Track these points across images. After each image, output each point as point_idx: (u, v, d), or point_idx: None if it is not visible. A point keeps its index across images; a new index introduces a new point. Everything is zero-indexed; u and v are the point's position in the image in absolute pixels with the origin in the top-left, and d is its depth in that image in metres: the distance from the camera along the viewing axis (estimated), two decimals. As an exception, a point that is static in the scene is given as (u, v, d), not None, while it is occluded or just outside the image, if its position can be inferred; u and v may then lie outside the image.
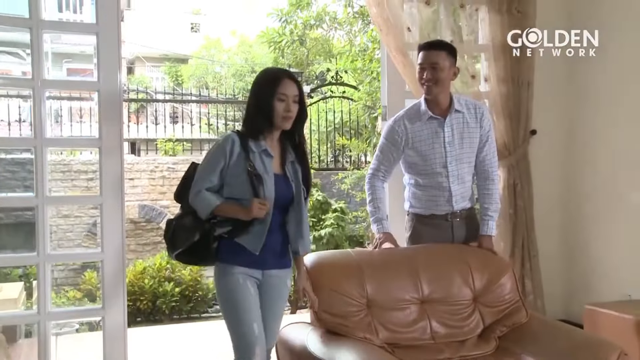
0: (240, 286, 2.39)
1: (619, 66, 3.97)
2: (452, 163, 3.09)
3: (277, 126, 2.45)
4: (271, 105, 2.40)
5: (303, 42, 8.92)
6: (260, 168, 2.39)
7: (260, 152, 2.42)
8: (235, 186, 2.40)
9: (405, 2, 4.01)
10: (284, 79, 2.42)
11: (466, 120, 3.11)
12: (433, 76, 3.01)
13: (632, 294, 3.86)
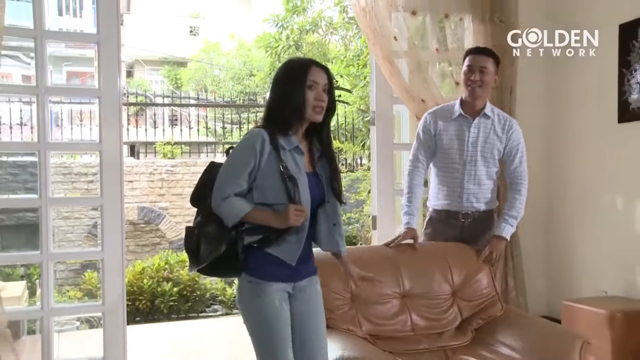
0: (277, 310, 2.14)
1: (596, 70, 4.15)
2: (471, 162, 3.27)
3: (307, 118, 2.19)
4: (302, 93, 2.14)
5: (299, 47, 9.09)
6: (293, 168, 2.14)
7: (291, 149, 2.17)
8: (267, 190, 2.14)
9: (393, 12, 4.18)
10: (312, 66, 2.18)
11: (494, 127, 3.30)
12: (481, 79, 3.23)
13: (607, 291, 4.05)
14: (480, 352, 2.72)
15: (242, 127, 11.85)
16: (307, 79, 2.15)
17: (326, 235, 2.30)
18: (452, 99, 4.21)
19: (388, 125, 4.39)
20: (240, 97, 14.72)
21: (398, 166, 4.87)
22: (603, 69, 4.07)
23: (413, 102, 4.16)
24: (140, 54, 19.60)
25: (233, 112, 12.65)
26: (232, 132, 12.78)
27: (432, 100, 4.14)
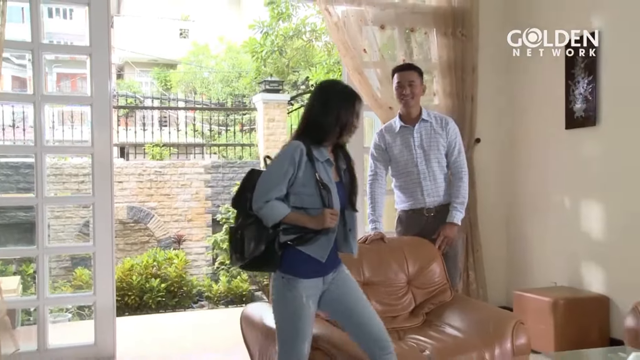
0: (303, 307, 2.40)
1: (547, 82, 4.53)
2: (422, 163, 3.63)
3: (343, 139, 2.56)
4: (351, 122, 2.49)
5: (283, 52, 9.43)
6: (325, 178, 2.41)
7: (324, 161, 2.45)
8: (304, 196, 2.40)
9: (363, 26, 4.55)
10: (358, 98, 2.54)
11: (433, 128, 3.67)
12: (411, 91, 3.63)
13: (557, 281, 4.44)
14: (428, 332, 3.08)
15: (229, 129, 12.15)
16: (355, 111, 2.52)
17: (343, 238, 2.57)
18: (418, 106, 4.62)
19: (359, 131, 4.72)
20: (229, 99, 15.02)
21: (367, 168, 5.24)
22: (552, 81, 4.45)
23: (381, 109, 4.53)
24: (130, 56, 19.84)
25: (221, 114, 12.96)
26: (219, 134, 13.10)
27: (398, 108, 4.51)
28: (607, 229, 4.10)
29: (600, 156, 4.13)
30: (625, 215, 3.96)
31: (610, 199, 4.08)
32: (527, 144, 4.83)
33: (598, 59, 4.09)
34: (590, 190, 4.23)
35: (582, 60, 4.19)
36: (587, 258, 4.25)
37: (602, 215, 4.14)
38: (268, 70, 11.33)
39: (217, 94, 16.84)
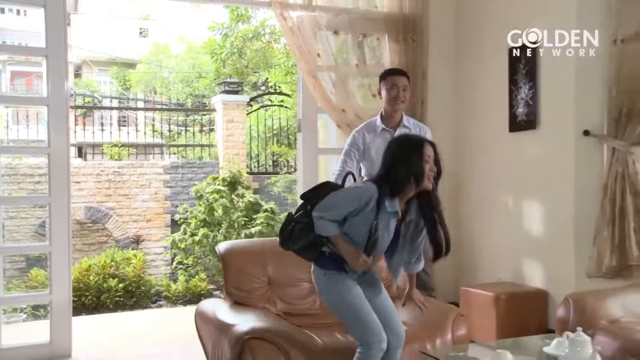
0: (350, 287, 2.68)
1: (492, 87, 4.75)
2: None
3: (423, 186, 2.62)
4: (421, 167, 2.57)
5: (242, 54, 9.52)
6: (382, 228, 2.59)
7: (391, 212, 2.61)
8: (356, 230, 2.61)
9: (317, 31, 4.69)
10: (425, 143, 2.64)
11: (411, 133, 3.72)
12: (404, 95, 3.79)
13: (501, 277, 4.66)
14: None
15: (189, 129, 12.16)
16: (424, 154, 2.60)
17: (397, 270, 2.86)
18: (369, 108, 4.78)
19: (313, 132, 4.91)
20: (189, 100, 15.00)
21: (323, 168, 5.39)
22: (497, 87, 4.68)
23: (334, 111, 4.68)
24: (88, 55, 19.55)
25: (181, 115, 12.95)
26: (179, 135, 13.08)
27: (351, 110, 4.68)
28: (546, 226, 4.34)
29: (540, 157, 4.36)
30: (561, 213, 4.20)
31: (549, 198, 4.32)
32: (474, 146, 5.04)
33: (537, 66, 4.32)
34: (532, 190, 4.46)
35: (523, 68, 4.43)
36: (528, 255, 4.48)
37: (542, 213, 4.38)
38: (227, 72, 11.40)
39: (177, 94, 16.76)
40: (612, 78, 3.88)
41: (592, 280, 4.01)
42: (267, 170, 11.17)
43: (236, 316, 3.07)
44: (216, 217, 8.37)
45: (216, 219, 8.37)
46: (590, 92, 4.03)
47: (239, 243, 3.75)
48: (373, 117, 4.03)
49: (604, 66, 3.94)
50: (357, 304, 2.69)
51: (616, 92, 3.85)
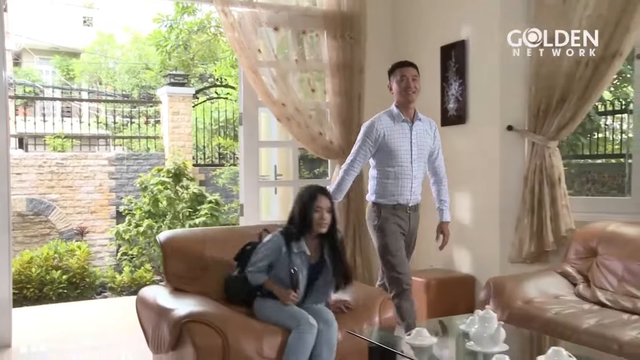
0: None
1: (427, 83, 4.98)
2: (416, 160, 3.70)
3: (315, 230, 3.20)
4: (311, 216, 3.17)
5: (188, 46, 9.54)
6: (298, 265, 3.17)
7: (299, 252, 3.20)
8: (279, 273, 3.20)
9: (258, 27, 4.83)
10: (318, 195, 3.21)
11: (425, 129, 3.77)
12: (414, 86, 3.69)
13: (433, 264, 4.92)
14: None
15: (134, 121, 12.07)
16: (315, 205, 3.19)
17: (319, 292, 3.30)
18: (309, 103, 4.97)
19: (254, 125, 5.06)
20: (135, 91, 14.86)
21: (265, 160, 5.55)
22: (431, 83, 4.91)
23: (274, 105, 4.84)
24: (28, 43, 19.02)
25: (127, 106, 12.81)
26: (125, 126, 12.92)
27: (291, 104, 4.85)
28: (474, 215, 4.61)
29: (469, 150, 4.63)
30: (487, 203, 4.48)
31: (477, 189, 4.59)
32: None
33: (466, 65, 4.58)
34: (461, 181, 4.72)
35: (454, 65, 4.68)
36: (458, 242, 4.74)
37: (471, 203, 4.65)
38: (173, 64, 11.38)
39: (123, 85, 16.58)
40: (532, 77, 4.16)
41: (514, 265, 4.30)
42: (213, 162, 11.24)
43: (175, 301, 3.21)
44: (161, 209, 8.42)
45: (161, 210, 8.42)
46: (513, 90, 4.30)
47: (179, 232, 3.86)
48: (388, 109, 3.86)
49: (525, 66, 4.22)
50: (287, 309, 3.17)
51: (535, 90, 4.13)
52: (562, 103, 3.98)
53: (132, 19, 18.73)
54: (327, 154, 5.13)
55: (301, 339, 2.97)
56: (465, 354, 2.59)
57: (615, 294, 3.52)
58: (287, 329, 3.04)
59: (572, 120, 3.98)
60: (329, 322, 3.12)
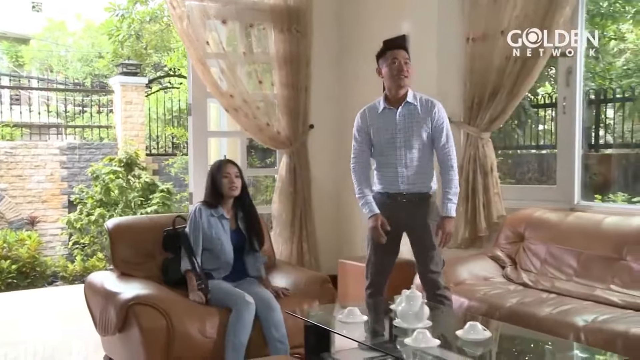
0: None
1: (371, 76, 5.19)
2: (401, 148, 3.44)
3: (227, 195, 3.53)
4: (221, 182, 3.50)
5: (140, 36, 9.52)
6: (220, 230, 3.49)
7: (218, 216, 3.52)
8: (211, 244, 3.47)
9: (206, 20, 4.94)
10: (225, 163, 3.59)
11: (417, 112, 3.44)
12: (407, 69, 3.44)
13: (376, 250, 5.13)
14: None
15: (86, 110, 11.96)
16: (222, 169, 3.53)
17: (251, 266, 3.62)
18: (257, 94, 5.12)
19: (203, 116, 5.19)
20: (89, 79, 14.67)
21: (214, 150, 5.67)
22: (375, 77, 5.09)
23: (222, 97, 4.97)
24: (-29, 28, 18.46)
25: (80, 95, 12.65)
26: (78, 115, 12.76)
27: (239, 96, 4.99)
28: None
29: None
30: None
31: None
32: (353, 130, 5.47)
33: (407, 59, 4.78)
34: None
35: (395, 59, 4.88)
36: (399, 229, 4.97)
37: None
38: (126, 53, 11.30)
39: (75, 73, 16.32)
40: (466, 72, 4.39)
41: (450, 251, 4.52)
42: (167, 152, 11.26)
43: (122, 285, 3.34)
44: (112, 198, 8.45)
45: (112, 199, 8.45)
46: (450, 84, 4.53)
47: (126, 219, 4.01)
48: (376, 99, 3.68)
49: (460, 62, 4.45)
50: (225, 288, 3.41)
51: (469, 84, 4.37)
52: (494, 97, 4.22)
53: (84, 7, 18.40)
54: (275, 144, 5.29)
55: (240, 317, 3.14)
56: (392, 330, 2.80)
57: (537, 275, 3.80)
58: (228, 309, 3.20)
59: (503, 112, 4.23)
60: (271, 306, 3.30)
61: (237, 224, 3.62)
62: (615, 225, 3.61)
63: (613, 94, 7.29)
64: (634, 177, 6.81)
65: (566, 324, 3.02)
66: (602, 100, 7.37)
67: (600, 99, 7.40)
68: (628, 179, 6.76)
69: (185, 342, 3.08)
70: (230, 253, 3.51)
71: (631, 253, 3.42)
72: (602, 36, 7.83)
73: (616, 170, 7.14)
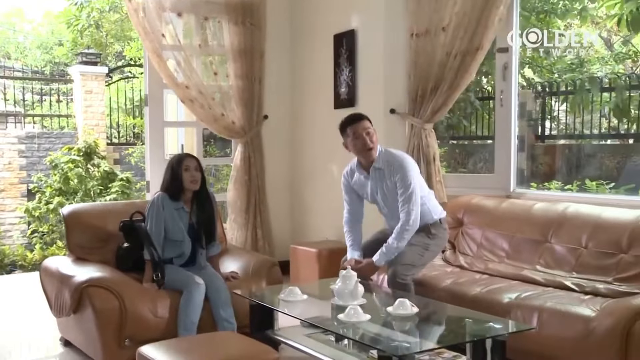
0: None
1: (321, 69, 5.39)
2: (382, 205, 3.81)
3: (187, 188, 3.62)
4: (181, 175, 3.60)
5: (99, 26, 9.51)
6: (178, 221, 3.61)
7: (178, 208, 3.64)
8: (170, 232, 3.61)
9: (161, 13, 5.06)
10: (185, 157, 3.71)
11: (384, 175, 3.71)
12: (370, 140, 3.66)
13: (328, 236, 5.36)
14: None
15: (45, 98, 11.89)
16: (183, 163, 3.62)
17: (205, 254, 3.77)
18: (212, 85, 5.27)
19: (159, 106, 5.32)
20: (49, 67, 14.51)
21: (173, 139, 5.81)
22: (325, 69, 5.32)
23: (178, 88, 5.11)
24: None
25: (40, 83, 12.54)
26: (38, 103, 12.64)
27: (194, 87, 5.13)
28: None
29: (358, 132, 5.06)
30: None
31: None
32: (305, 121, 5.69)
33: (355, 52, 5.00)
34: (350, 159, 5.16)
35: (345, 53, 5.09)
36: (349, 215, 5.19)
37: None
38: (86, 42, 11.25)
39: (35, 61, 16.11)
40: (410, 66, 4.61)
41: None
42: (128, 141, 11.30)
43: (76, 269, 3.49)
44: (71, 186, 8.51)
45: (71, 188, 8.51)
46: (396, 77, 4.75)
47: (82, 206, 4.14)
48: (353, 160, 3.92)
49: (405, 56, 4.67)
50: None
51: (413, 77, 4.59)
52: (436, 90, 4.45)
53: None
54: (230, 134, 5.45)
55: (190, 297, 3.33)
56: (328, 307, 3.02)
57: (473, 258, 4.06)
58: (179, 292, 3.39)
59: (444, 105, 4.46)
60: (220, 287, 3.49)
61: (195, 215, 3.72)
62: (543, 210, 3.89)
63: (557, 87, 7.65)
64: (576, 166, 7.21)
65: (493, 301, 3.29)
66: (548, 94, 7.74)
67: (547, 92, 7.77)
68: (571, 168, 7.16)
69: (138, 322, 3.25)
70: (189, 243, 3.66)
71: (555, 236, 3.70)
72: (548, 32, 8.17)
73: (560, 159, 7.54)
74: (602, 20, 7.39)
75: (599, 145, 6.96)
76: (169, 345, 2.60)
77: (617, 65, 6.87)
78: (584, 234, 3.56)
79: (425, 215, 3.74)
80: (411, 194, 3.60)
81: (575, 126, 7.42)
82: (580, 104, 7.02)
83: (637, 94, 6.54)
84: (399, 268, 3.55)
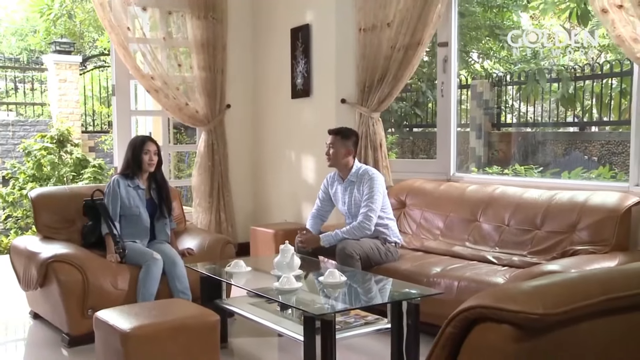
0: None
1: (279, 61, 5.71)
2: (347, 215, 4.15)
3: (145, 169, 4.01)
4: (141, 157, 3.96)
5: (72, 15, 9.67)
6: (136, 199, 3.96)
7: (134, 186, 3.99)
8: (128, 211, 3.93)
9: (127, 7, 5.33)
10: (146, 140, 4.04)
11: (357, 188, 4.08)
12: (328, 152, 4.14)
13: (287, 219, 5.70)
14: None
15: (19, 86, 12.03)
16: (144, 147, 3.97)
17: (162, 230, 4.10)
18: (175, 77, 5.57)
19: (126, 96, 5.60)
20: (24, 55, 14.57)
21: (142, 127, 6.09)
22: (283, 60, 5.64)
23: (143, 79, 5.40)
24: None
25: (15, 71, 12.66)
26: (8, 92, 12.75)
27: (159, 78, 5.42)
28: (317, 176, 5.40)
29: (312, 120, 5.41)
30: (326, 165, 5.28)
31: (319, 153, 5.35)
32: (266, 110, 6.02)
33: (310, 45, 5.32)
34: (307, 146, 5.51)
35: (300, 45, 5.41)
36: (305, 199, 5.54)
37: (314, 165, 5.44)
38: (59, 31, 11.40)
39: (10, 48, 16.15)
40: (359, 58, 4.95)
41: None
42: (103, 129, 11.53)
43: (43, 246, 3.80)
44: (45, 173, 8.75)
45: (45, 174, 8.75)
46: (346, 69, 5.08)
47: (48, 189, 4.46)
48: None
49: (354, 49, 5.00)
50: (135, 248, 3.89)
51: (361, 69, 4.93)
52: (381, 81, 4.80)
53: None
54: (194, 122, 5.76)
55: (148, 271, 3.65)
56: (269, 278, 3.36)
57: (412, 236, 4.44)
58: (138, 266, 3.71)
59: (389, 95, 4.82)
60: (176, 262, 3.82)
61: (151, 193, 4.10)
62: (474, 192, 4.27)
63: (511, 77, 8.06)
64: (530, 152, 7.64)
65: (422, 274, 3.66)
66: (503, 84, 8.16)
67: (502, 83, 8.19)
68: (526, 154, 7.60)
69: (99, 294, 3.57)
70: (147, 219, 4.01)
71: (483, 215, 4.08)
72: (502, 25, 8.59)
73: (514, 146, 7.97)
74: (556, 13, 7.80)
75: (552, 132, 7.39)
76: (122, 309, 2.93)
77: (564, 57, 7.26)
78: (507, 213, 3.95)
79: (385, 232, 4.08)
80: (374, 200, 3.98)
81: (528, 115, 7.84)
82: (531, 94, 7.44)
83: (581, 85, 6.96)
84: (349, 242, 3.87)
